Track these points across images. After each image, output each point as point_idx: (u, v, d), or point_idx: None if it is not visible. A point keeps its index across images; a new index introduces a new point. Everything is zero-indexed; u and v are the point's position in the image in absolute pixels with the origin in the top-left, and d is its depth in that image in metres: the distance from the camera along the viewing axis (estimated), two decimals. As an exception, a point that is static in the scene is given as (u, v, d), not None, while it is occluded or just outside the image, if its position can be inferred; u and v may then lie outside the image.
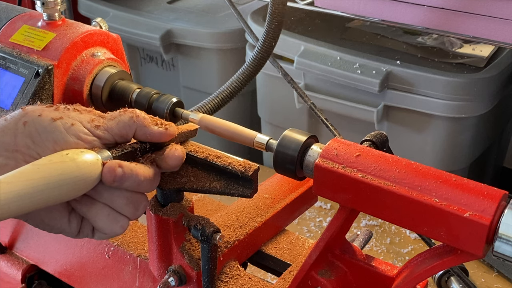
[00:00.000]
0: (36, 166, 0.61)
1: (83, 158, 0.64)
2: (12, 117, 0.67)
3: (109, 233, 0.69)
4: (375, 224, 1.80)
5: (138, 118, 0.70)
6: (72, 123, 0.67)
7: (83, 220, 0.69)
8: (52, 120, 0.66)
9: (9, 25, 1.00)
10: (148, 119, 0.71)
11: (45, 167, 0.61)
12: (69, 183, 0.62)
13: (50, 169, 0.61)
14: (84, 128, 0.68)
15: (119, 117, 0.70)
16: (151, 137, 0.71)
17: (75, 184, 0.63)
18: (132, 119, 0.70)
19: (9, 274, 1.09)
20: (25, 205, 0.59)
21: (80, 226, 0.69)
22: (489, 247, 0.63)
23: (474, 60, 1.85)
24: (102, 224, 0.68)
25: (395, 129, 1.87)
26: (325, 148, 0.72)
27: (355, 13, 1.58)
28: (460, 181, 0.65)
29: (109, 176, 0.65)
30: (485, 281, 1.57)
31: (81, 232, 0.69)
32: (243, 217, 0.91)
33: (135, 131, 0.70)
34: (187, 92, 2.39)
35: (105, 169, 0.65)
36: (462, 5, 1.40)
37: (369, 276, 0.78)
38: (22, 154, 0.64)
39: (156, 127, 0.71)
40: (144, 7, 2.43)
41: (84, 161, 0.64)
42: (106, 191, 0.67)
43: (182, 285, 0.83)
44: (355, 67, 1.81)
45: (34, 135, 0.65)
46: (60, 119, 0.67)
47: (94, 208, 0.68)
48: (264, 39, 1.10)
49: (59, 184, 0.61)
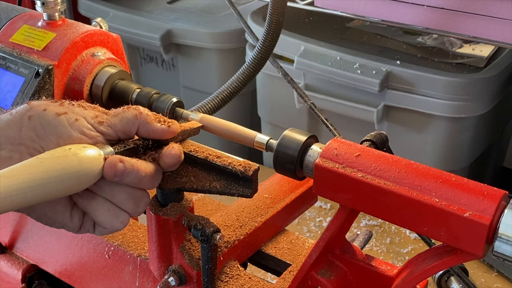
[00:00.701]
0: (39, 160, 0.62)
1: (86, 153, 0.65)
2: (17, 111, 0.68)
3: (109, 228, 0.70)
4: (375, 224, 1.80)
5: (141, 115, 0.71)
6: (76, 119, 0.68)
7: (84, 215, 0.70)
8: (57, 115, 0.67)
9: (9, 25, 1.00)
10: (151, 116, 0.72)
11: (47, 161, 0.62)
12: (71, 177, 0.63)
13: (53, 163, 0.62)
14: (88, 124, 0.69)
15: (123, 114, 0.71)
16: (153, 134, 0.72)
17: (77, 179, 0.64)
18: (135, 116, 0.71)
19: (9, 274, 1.09)
20: (27, 198, 0.60)
21: (82, 221, 0.70)
22: (489, 247, 0.63)
23: (474, 60, 1.85)
24: (102, 219, 0.69)
25: (395, 129, 1.87)
26: (325, 148, 0.72)
27: (355, 13, 1.58)
28: (460, 181, 0.65)
29: (110, 171, 0.66)
30: (485, 281, 1.57)
31: (82, 227, 0.70)
32: (243, 217, 0.91)
33: (138, 127, 0.71)
34: (187, 92, 2.39)
35: (106, 164, 0.66)
36: (462, 5, 1.40)
37: (369, 276, 0.78)
38: (26, 147, 0.65)
39: (159, 125, 0.72)
40: (144, 7, 2.43)
41: (87, 156, 0.65)
42: (107, 186, 0.68)
43: (182, 285, 0.83)
44: (355, 67, 1.81)
45: (39, 129, 0.66)
46: (64, 114, 0.68)
47: (95, 202, 0.68)
48: (264, 39, 1.10)
49: (62, 178, 0.62)
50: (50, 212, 0.68)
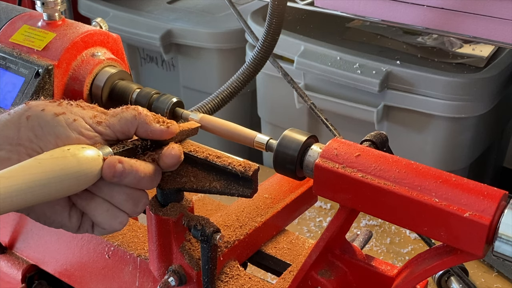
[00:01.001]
0: (38, 160, 0.62)
1: (84, 153, 0.65)
2: (16, 112, 0.68)
3: (108, 228, 0.70)
4: (375, 224, 1.80)
5: (140, 115, 0.71)
6: (74, 119, 0.68)
7: (83, 215, 0.70)
8: (55, 115, 0.67)
9: (9, 25, 1.00)
10: (150, 116, 0.72)
11: (46, 162, 0.62)
12: (70, 178, 0.63)
13: (52, 164, 0.62)
14: (86, 124, 0.68)
15: (121, 114, 0.71)
16: (152, 134, 0.71)
17: (76, 179, 0.64)
18: (134, 117, 0.70)
19: (9, 274, 1.09)
20: (27, 198, 0.60)
21: (81, 221, 0.70)
22: (489, 247, 0.63)
23: (474, 60, 1.85)
24: (101, 219, 0.69)
25: (395, 129, 1.87)
26: (325, 148, 0.72)
27: (355, 13, 1.58)
28: (460, 181, 0.65)
29: (109, 171, 0.66)
30: (485, 281, 1.57)
31: (81, 227, 0.70)
32: (243, 217, 0.91)
33: (137, 128, 0.71)
34: (187, 92, 2.39)
35: (105, 165, 0.66)
36: (462, 5, 1.39)
37: (369, 276, 0.78)
38: (24, 147, 0.65)
39: (158, 125, 0.71)
40: (144, 7, 2.43)
41: (85, 156, 0.65)
42: (106, 187, 0.68)
43: (182, 285, 0.83)
44: (355, 67, 1.81)
45: (37, 129, 0.66)
46: (62, 114, 0.68)
47: (94, 202, 0.68)
48: (264, 39, 1.10)
49: (61, 179, 0.62)
50: (49, 212, 0.68)
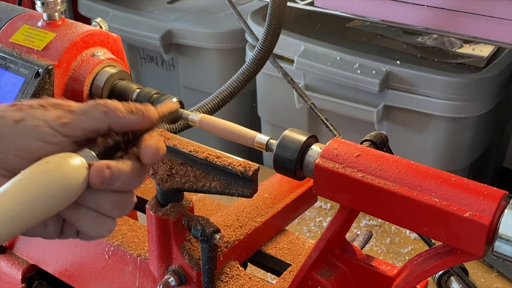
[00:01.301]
0: (19, 182, 0.56)
1: (67, 164, 0.59)
2: None
3: (95, 236, 0.64)
4: (375, 224, 1.80)
5: (110, 111, 0.64)
6: (35, 124, 0.61)
7: (65, 223, 0.64)
8: (15, 123, 0.61)
9: (9, 25, 1.00)
10: (121, 108, 0.64)
11: (28, 181, 0.57)
12: (57, 193, 0.57)
13: (37, 183, 0.57)
14: (49, 129, 0.61)
15: (90, 112, 0.64)
16: (129, 127, 0.65)
17: (63, 193, 0.58)
18: (104, 114, 0.64)
19: (9, 274, 1.09)
20: (13, 228, 0.55)
21: (62, 228, 0.64)
22: (489, 247, 0.63)
23: (474, 60, 1.85)
24: (87, 229, 0.63)
25: (395, 129, 1.87)
26: (325, 148, 0.72)
27: (355, 13, 1.58)
28: (460, 181, 0.65)
29: (97, 178, 0.60)
30: (485, 281, 1.57)
31: (64, 234, 0.65)
32: (243, 217, 0.91)
33: (110, 124, 0.64)
34: (187, 92, 2.39)
35: (93, 172, 0.60)
36: (462, 5, 1.39)
37: (369, 276, 0.78)
38: None
39: (133, 116, 0.65)
40: (144, 7, 2.43)
41: (68, 166, 0.59)
42: (91, 195, 0.62)
43: (182, 285, 0.83)
44: (355, 67, 1.81)
45: None
46: (22, 121, 0.61)
47: (78, 212, 0.62)
48: (264, 39, 1.10)
49: (48, 197, 0.57)
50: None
